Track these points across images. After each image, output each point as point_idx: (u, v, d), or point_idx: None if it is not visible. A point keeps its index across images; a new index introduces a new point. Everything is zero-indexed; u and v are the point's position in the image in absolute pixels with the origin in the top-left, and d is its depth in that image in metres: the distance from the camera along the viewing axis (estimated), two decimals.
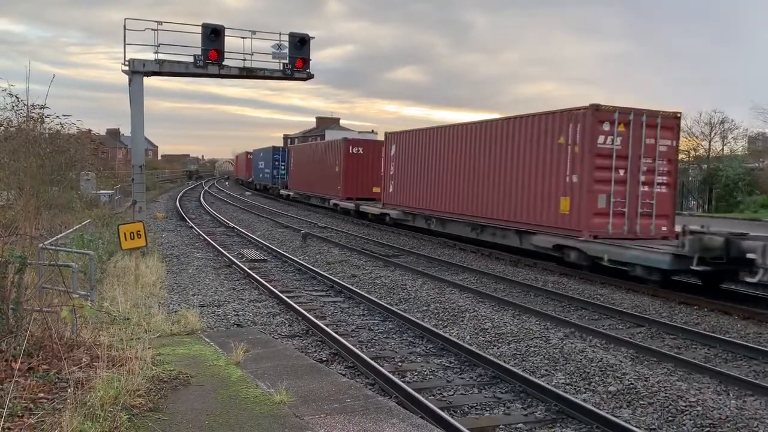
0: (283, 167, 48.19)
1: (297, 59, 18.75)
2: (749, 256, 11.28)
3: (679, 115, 15.45)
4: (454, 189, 20.46)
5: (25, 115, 15.07)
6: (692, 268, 12.16)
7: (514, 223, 17.39)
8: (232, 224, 26.25)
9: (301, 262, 16.19)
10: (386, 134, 26.38)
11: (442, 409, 6.33)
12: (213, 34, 17.82)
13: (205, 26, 17.84)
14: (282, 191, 46.38)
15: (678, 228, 13.78)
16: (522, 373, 7.47)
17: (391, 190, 25.55)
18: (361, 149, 32.24)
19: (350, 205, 30.39)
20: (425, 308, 11.52)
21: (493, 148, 18.31)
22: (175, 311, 10.01)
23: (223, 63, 18.24)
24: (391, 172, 25.48)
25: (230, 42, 18.27)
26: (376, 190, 28.85)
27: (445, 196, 21.05)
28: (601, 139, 14.62)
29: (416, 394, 6.59)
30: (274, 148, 51.20)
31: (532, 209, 16.49)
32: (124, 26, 17.07)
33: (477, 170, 19.14)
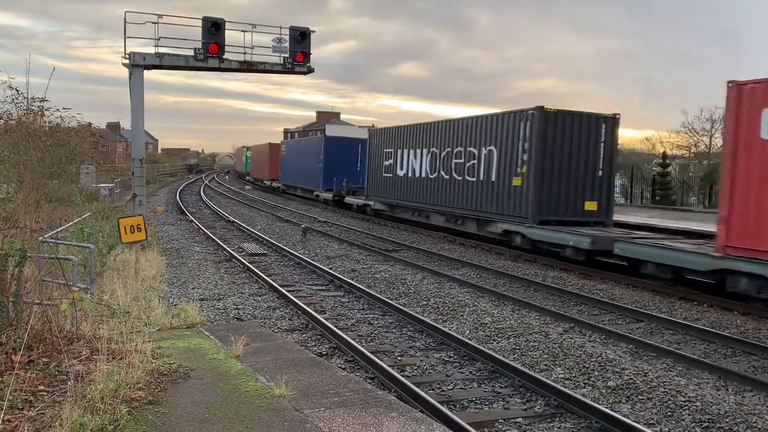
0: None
1: (297, 53, 18.76)
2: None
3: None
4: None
5: (25, 108, 15.07)
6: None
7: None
8: (232, 218, 26.26)
9: (301, 256, 16.19)
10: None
11: (441, 403, 6.34)
12: (213, 28, 17.80)
13: (205, 20, 17.80)
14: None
15: None
16: (521, 368, 7.48)
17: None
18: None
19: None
20: (425, 303, 11.53)
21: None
22: (175, 305, 10.01)
23: (224, 57, 18.23)
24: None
25: (231, 36, 18.30)
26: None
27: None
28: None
29: (416, 388, 6.60)
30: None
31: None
32: (125, 19, 17.07)
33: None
